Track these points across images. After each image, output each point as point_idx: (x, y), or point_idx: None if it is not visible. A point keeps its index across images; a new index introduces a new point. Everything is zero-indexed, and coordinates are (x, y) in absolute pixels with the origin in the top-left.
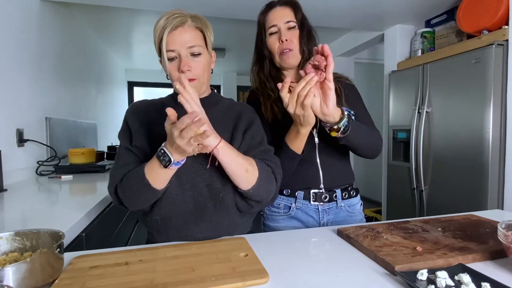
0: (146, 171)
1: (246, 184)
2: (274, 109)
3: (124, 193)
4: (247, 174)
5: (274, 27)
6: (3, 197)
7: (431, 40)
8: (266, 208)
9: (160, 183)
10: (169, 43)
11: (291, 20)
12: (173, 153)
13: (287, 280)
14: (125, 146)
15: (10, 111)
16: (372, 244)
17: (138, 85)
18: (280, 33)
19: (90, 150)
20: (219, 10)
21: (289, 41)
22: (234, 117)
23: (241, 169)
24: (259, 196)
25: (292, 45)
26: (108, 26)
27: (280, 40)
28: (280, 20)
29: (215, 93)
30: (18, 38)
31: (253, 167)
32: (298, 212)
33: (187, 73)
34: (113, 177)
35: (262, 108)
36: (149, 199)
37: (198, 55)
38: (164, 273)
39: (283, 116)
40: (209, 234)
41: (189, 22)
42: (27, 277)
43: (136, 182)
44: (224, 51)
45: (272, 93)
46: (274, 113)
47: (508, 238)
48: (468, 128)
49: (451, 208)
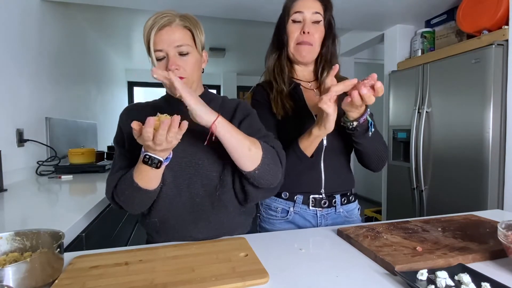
0: (134, 175)
1: (250, 163)
2: (285, 106)
3: (120, 198)
4: (250, 152)
5: (298, 14)
6: (3, 197)
7: (431, 40)
8: (263, 210)
9: (152, 184)
10: (157, 43)
11: (318, 11)
12: (158, 154)
13: (287, 280)
14: (120, 151)
15: (10, 111)
16: (372, 244)
17: (138, 85)
18: (304, 24)
19: (90, 150)
20: (219, 10)
21: (311, 35)
22: (229, 111)
23: (243, 146)
24: (265, 179)
25: (313, 40)
26: (108, 26)
27: (302, 31)
28: (308, 10)
29: (208, 91)
30: (18, 38)
31: (256, 146)
32: (296, 217)
33: (175, 72)
34: (109, 183)
35: (272, 103)
36: (144, 201)
37: (186, 54)
38: (164, 273)
39: (293, 114)
40: (208, 234)
41: (177, 22)
42: (27, 277)
43: (127, 186)
44: (224, 51)
45: (285, 87)
46: (285, 110)
47: (508, 238)
48: (468, 128)
49: (451, 208)
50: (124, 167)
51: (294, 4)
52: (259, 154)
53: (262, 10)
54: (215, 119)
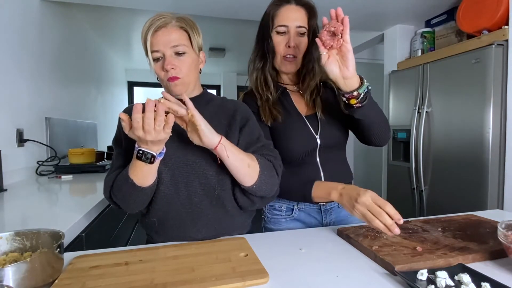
0: (129, 171)
1: (249, 179)
2: (273, 112)
3: (116, 197)
4: (249, 169)
5: (283, 27)
6: (3, 197)
7: (431, 40)
8: (267, 211)
9: (147, 180)
10: (153, 44)
11: (302, 25)
12: (152, 148)
13: (287, 280)
14: (118, 151)
15: (10, 111)
16: (372, 244)
17: (138, 85)
18: (289, 37)
19: (90, 150)
20: (219, 10)
21: (296, 48)
22: (228, 115)
23: (243, 164)
24: (262, 191)
25: (298, 52)
26: (108, 26)
27: (288, 45)
28: (292, 22)
29: (206, 92)
30: (18, 38)
31: (254, 162)
32: (301, 214)
33: (171, 71)
34: (106, 183)
35: (260, 111)
36: (140, 198)
37: (183, 54)
38: (164, 273)
39: (283, 118)
40: (207, 234)
41: (173, 23)
42: (27, 277)
43: (122, 184)
44: (224, 51)
45: (270, 95)
46: (273, 117)
47: (508, 238)
48: (468, 128)
49: (451, 208)
50: (121, 167)
51: (278, 14)
52: (256, 170)
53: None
54: (219, 140)
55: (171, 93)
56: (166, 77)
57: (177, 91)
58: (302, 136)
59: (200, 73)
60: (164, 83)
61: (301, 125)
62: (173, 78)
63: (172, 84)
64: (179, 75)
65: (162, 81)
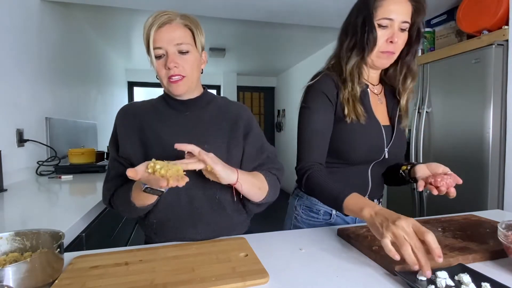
0: (132, 195)
1: (258, 197)
2: (357, 111)
3: (117, 209)
4: (260, 191)
5: (387, 20)
6: (3, 197)
7: (431, 40)
8: (303, 211)
9: (150, 201)
10: (156, 40)
11: (407, 21)
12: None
13: (287, 280)
14: (113, 157)
15: (10, 111)
16: (372, 244)
17: (138, 85)
18: (392, 32)
19: (90, 150)
20: (219, 10)
21: (397, 44)
22: (230, 120)
23: (255, 189)
24: (268, 203)
25: (397, 48)
26: (108, 26)
27: (390, 40)
28: (398, 16)
29: (207, 92)
30: (18, 38)
31: (264, 183)
32: (338, 219)
33: (174, 70)
34: (105, 192)
35: (345, 104)
36: (141, 213)
37: (186, 52)
38: (164, 273)
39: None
40: (207, 235)
41: (178, 20)
42: (27, 277)
43: (123, 203)
44: (224, 51)
45: (358, 90)
46: (356, 115)
47: (508, 238)
48: (468, 128)
49: (451, 208)
50: (119, 175)
51: (383, 4)
52: (266, 190)
53: (262, 10)
54: (237, 177)
55: (171, 92)
56: (167, 75)
57: (179, 91)
58: (375, 147)
59: (201, 73)
60: (165, 82)
61: (379, 134)
62: (176, 80)
63: (175, 85)
64: (182, 73)
65: (162, 79)
